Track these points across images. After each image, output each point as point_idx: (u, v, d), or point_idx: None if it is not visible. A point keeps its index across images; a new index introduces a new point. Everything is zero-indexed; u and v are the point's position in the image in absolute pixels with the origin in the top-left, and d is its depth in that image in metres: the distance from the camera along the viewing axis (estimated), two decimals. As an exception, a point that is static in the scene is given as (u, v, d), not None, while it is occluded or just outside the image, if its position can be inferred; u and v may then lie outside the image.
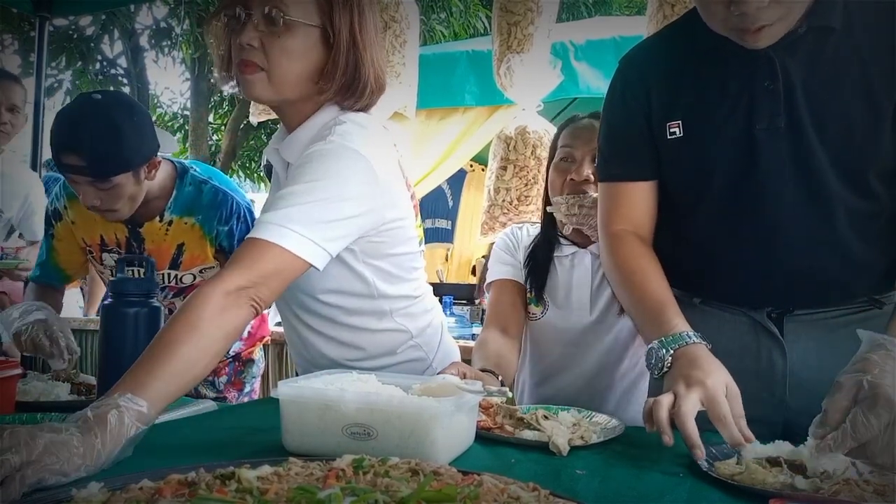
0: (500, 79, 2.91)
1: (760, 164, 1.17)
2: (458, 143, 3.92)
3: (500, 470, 0.84)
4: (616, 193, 1.32)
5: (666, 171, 1.29)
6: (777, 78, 1.14)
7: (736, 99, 1.17)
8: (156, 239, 1.73)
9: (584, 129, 1.61)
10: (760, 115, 1.15)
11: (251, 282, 1.06)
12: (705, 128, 1.21)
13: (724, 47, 1.15)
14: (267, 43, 1.19)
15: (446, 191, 7.02)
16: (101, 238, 1.76)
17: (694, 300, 1.34)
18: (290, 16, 1.18)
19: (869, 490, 0.85)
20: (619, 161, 1.32)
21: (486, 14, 9.16)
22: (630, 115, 1.29)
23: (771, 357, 1.25)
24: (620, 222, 1.30)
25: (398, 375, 1.14)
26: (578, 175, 1.56)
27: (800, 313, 1.24)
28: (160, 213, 1.71)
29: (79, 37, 8.95)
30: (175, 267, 1.76)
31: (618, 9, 11.39)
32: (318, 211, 1.13)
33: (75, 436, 0.82)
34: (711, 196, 1.23)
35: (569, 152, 1.60)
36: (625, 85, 1.32)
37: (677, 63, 1.26)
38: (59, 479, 0.78)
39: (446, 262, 7.11)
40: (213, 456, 0.96)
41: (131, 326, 1.26)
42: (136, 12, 9.42)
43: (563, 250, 1.64)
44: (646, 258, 1.27)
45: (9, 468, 0.75)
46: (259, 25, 1.19)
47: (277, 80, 1.21)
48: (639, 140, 1.28)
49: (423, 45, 5.07)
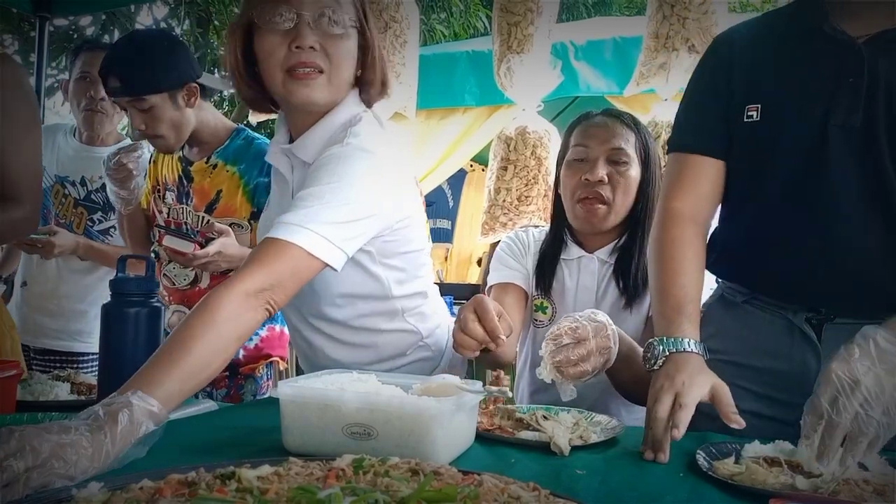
0: (500, 79, 2.91)
1: (829, 161, 1.17)
2: (458, 143, 3.92)
3: (500, 470, 0.84)
4: (684, 165, 1.32)
5: (735, 154, 1.29)
6: (862, 74, 1.14)
7: (817, 90, 1.18)
8: (200, 179, 1.91)
9: (599, 127, 1.58)
10: (838, 110, 1.16)
11: (269, 284, 1.06)
12: (783, 115, 1.22)
13: (816, 37, 1.17)
14: (328, 46, 1.22)
15: (446, 191, 7.03)
16: (164, 177, 1.98)
17: (737, 297, 1.33)
18: (345, 19, 1.23)
19: (869, 490, 0.85)
20: (693, 132, 1.33)
21: (487, 14, 9.15)
22: (714, 91, 1.31)
23: (805, 360, 1.23)
24: (681, 198, 1.30)
25: (398, 375, 1.14)
26: (593, 175, 1.53)
27: (840, 322, 1.22)
28: (208, 156, 1.91)
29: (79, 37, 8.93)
30: (209, 211, 1.89)
31: (618, 9, 11.37)
32: (335, 212, 1.13)
33: (84, 436, 0.81)
34: (774, 185, 1.23)
35: (583, 152, 1.57)
36: (713, 61, 1.34)
37: (767, 48, 1.28)
38: (65, 482, 0.77)
39: (446, 261, 7.11)
40: (213, 456, 0.96)
41: (131, 326, 1.25)
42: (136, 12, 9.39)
43: (570, 253, 1.62)
44: (690, 247, 1.27)
45: (12, 474, 0.74)
46: (317, 28, 1.21)
47: (337, 82, 1.25)
48: (715, 116, 1.29)
49: (424, 45, 5.07)
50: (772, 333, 1.27)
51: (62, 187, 2.34)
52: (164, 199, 1.97)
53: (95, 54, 2.19)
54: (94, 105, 2.27)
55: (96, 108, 2.28)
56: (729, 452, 1.01)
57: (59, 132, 2.38)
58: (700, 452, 0.99)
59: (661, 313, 1.22)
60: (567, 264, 1.62)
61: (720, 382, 1.08)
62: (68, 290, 2.36)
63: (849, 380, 0.94)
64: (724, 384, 1.08)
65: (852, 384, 0.94)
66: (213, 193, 1.89)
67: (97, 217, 2.34)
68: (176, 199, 1.95)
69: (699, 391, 1.05)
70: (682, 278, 1.23)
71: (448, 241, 7.24)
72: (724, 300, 1.36)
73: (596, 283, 1.59)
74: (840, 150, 1.16)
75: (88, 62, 2.24)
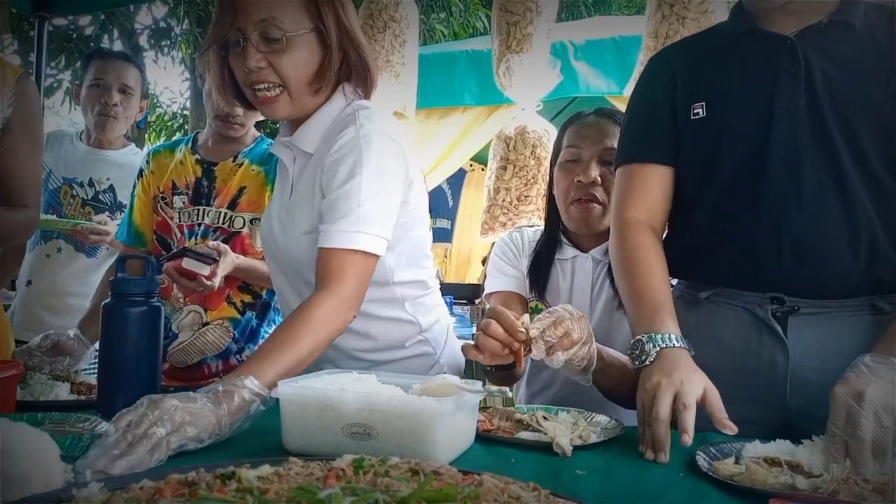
0: (499, 78, 2.91)
1: (777, 139, 1.22)
2: (457, 143, 3.93)
3: (500, 470, 0.84)
4: (632, 176, 1.35)
5: (684, 154, 1.32)
6: (799, 63, 1.21)
7: (759, 81, 1.25)
8: (225, 177, 1.93)
9: (591, 127, 1.58)
10: (781, 95, 1.22)
11: (353, 289, 1.20)
12: (727, 105, 1.27)
13: (751, 38, 1.26)
14: (274, 61, 1.25)
15: (446, 190, 7.02)
16: (172, 183, 1.96)
17: (699, 295, 1.34)
18: (287, 30, 1.24)
19: (868, 489, 0.85)
20: (637, 142, 1.36)
21: (486, 14, 9.16)
22: (654, 102, 1.36)
23: (773, 356, 1.25)
24: (634, 208, 1.32)
25: (398, 375, 1.14)
26: (586, 177, 1.53)
27: (805, 313, 1.23)
28: (234, 156, 1.95)
29: (78, 37, 8.93)
30: (232, 207, 1.92)
31: (617, 9, 11.38)
32: (377, 206, 1.24)
33: (207, 406, 0.96)
34: (726, 173, 1.26)
35: (576, 153, 1.57)
36: (651, 75, 1.40)
37: (703, 52, 1.35)
38: (196, 444, 0.93)
39: (446, 261, 7.11)
40: (213, 456, 0.96)
41: (132, 326, 1.25)
42: (136, 12, 9.40)
43: (565, 253, 1.62)
44: (653, 250, 1.29)
45: (156, 439, 0.89)
46: (260, 46, 1.24)
47: (296, 93, 1.29)
48: (659, 124, 1.34)
49: (423, 44, 5.08)
50: (738, 329, 1.28)
51: (70, 188, 2.41)
52: (171, 204, 1.97)
53: (108, 62, 2.39)
54: (108, 111, 2.38)
55: (109, 113, 2.38)
56: (729, 452, 1.01)
57: (65, 138, 2.50)
58: (700, 452, 0.99)
59: (639, 314, 1.22)
60: (561, 265, 1.62)
61: (711, 385, 1.08)
62: (72, 288, 2.41)
63: (853, 394, 0.98)
64: (715, 389, 1.08)
65: (858, 396, 0.98)
66: (237, 189, 1.93)
67: (104, 218, 2.39)
68: (190, 201, 1.95)
69: (697, 391, 1.05)
70: (652, 280, 1.25)
71: (448, 241, 7.24)
72: (684, 300, 1.36)
73: (590, 284, 1.58)
74: (788, 130, 1.21)
75: (101, 69, 2.37)
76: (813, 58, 1.21)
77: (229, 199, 1.92)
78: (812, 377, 1.21)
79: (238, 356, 1.89)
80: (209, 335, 1.87)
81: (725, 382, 1.11)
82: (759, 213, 1.23)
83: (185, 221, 1.94)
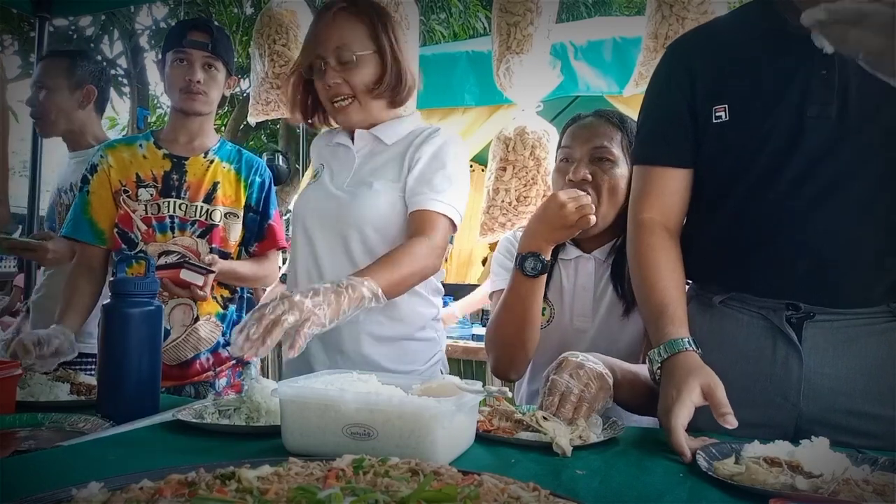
0: (499, 79, 2.90)
1: (806, 151, 1.17)
2: (457, 144, 3.91)
3: (500, 470, 0.84)
4: (650, 178, 1.33)
5: (704, 157, 1.29)
6: (834, 67, 1.15)
7: (788, 84, 1.18)
8: (197, 172, 2.00)
9: (584, 128, 1.58)
10: (813, 102, 1.16)
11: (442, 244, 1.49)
12: (754, 111, 1.21)
13: (777, 35, 1.18)
14: (347, 77, 1.56)
15: (446, 191, 6.99)
16: (136, 176, 1.98)
17: (714, 299, 1.32)
18: (356, 51, 1.55)
19: (869, 490, 0.85)
20: (656, 144, 1.33)
21: (486, 14, 9.15)
22: (672, 99, 1.31)
23: (787, 362, 1.23)
24: (650, 209, 1.31)
25: (398, 376, 1.14)
26: (575, 175, 1.52)
27: (820, 319, 1.21)
28: (205, 152, 2.03)
29: (79, 37, 8.93)
30: (208, 201, 1.99)
31: (618, 9, 11.38)
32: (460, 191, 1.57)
33: (328, 297, 1.16)
34: (750, 179, 1.23)
35: (568, 153, 1.58)
36: (669, 69, 1.34)
37: (726, 48, 1.27)
38: (322, 329, 1.14)
39: (445, 262, 7.10)
40: (213, 456, 0.96)
41: (131, 326, 1.25)
42: (136, 12, 9.40)
43: (568, 253, 1.62)
44: (666, 252, 1.28)
45: (287, 326, 1.08)
46: (336, 67, 1.55)
47: (365, 103, 1.59)
48: (678, 125, 1.29)
49: (423, 45, 5.08)
50: (752, 335, 1.27)
51: (58, 196, 2.44)
52: (133, 197, 1.96)
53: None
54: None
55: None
56: (729, 453, 1.01)
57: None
58: (700, 452, 0.99)
59: (646, 321, 1.24)
60: (564, 265, 1.62)
61: (712, 381, 1.08)
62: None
63: None
64: (718, 382, 1.08)
65: None
66: (210, 184, 1.99)
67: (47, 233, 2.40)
68: (158, 194, 1.96)
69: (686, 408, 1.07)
70: (660, 282, 1.24)
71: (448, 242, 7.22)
72: (699, 302, 1.35)
73: (593, 285, 1.58)
74: (817, 141, 1.17)
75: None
76: (850, 63, 1.12)
77: (204, 194, 1.99)
78: (826, 383, 1.20)
79: (226, 348, 1.98)
80: (201, 331, 1.94)
81: (738, 387, 1.11)
82: (781, 223, 1.21)
83: (154, 213, 1.95)
